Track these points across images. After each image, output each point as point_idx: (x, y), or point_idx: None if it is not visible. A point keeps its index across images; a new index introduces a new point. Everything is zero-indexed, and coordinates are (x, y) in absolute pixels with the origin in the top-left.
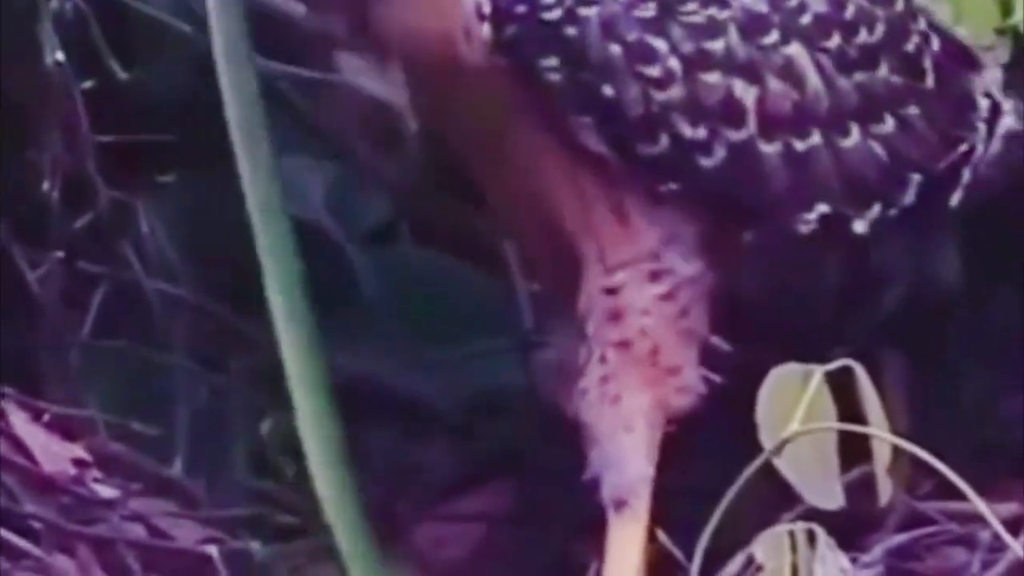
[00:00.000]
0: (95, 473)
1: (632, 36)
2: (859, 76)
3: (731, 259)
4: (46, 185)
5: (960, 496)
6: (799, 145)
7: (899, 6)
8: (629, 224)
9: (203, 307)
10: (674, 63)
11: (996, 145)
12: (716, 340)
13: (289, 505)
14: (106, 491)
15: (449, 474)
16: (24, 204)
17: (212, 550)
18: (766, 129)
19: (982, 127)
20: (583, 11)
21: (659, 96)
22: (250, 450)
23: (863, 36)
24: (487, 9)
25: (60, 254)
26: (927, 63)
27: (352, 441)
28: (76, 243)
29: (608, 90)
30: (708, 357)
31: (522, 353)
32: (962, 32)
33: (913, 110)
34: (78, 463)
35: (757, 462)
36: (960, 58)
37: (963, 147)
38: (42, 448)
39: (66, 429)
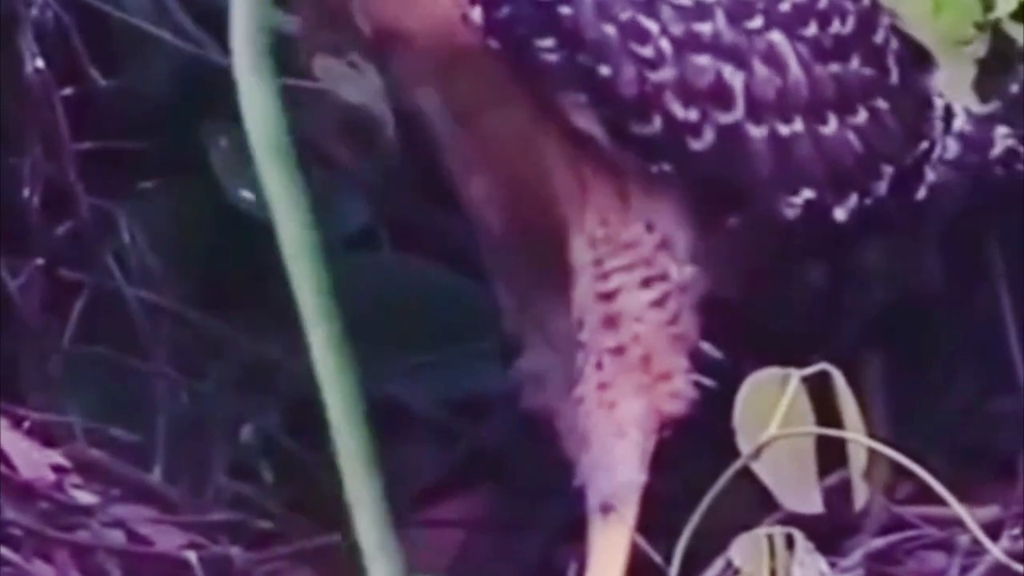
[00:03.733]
0: (74, 479)
1: (625, 16)
2: (834, 66)
3: (719, 251)
4: (26, 192)
5: (939, 500)
6: (783, 130)
7: (866, 1)
8: (628, 205)
9: (183, 314)
10: (665, 44)
11: (951, 145)
12: (706, 347)
13: (268, 510)
14: (85, 497)
15: (429, 479)
16: (4, 211)
17: (191, 556)
18: (753, 113)
19: (939, 125)
20: None
21: (653, 77)
22: (229, 456)
23: (836, 26)
24: None
25: (40, 261)
26: (891, 59)
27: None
28: (57, 250)
29: (604, 70)
30: (698, 362)
31: (501, 357)
32: (940, 26)
33: (882, 103)
34: (57, 469)
35: (735, 466)
36: (916, 57)
37: (925, 144)
38: (21, 455)
39: (46, 435)
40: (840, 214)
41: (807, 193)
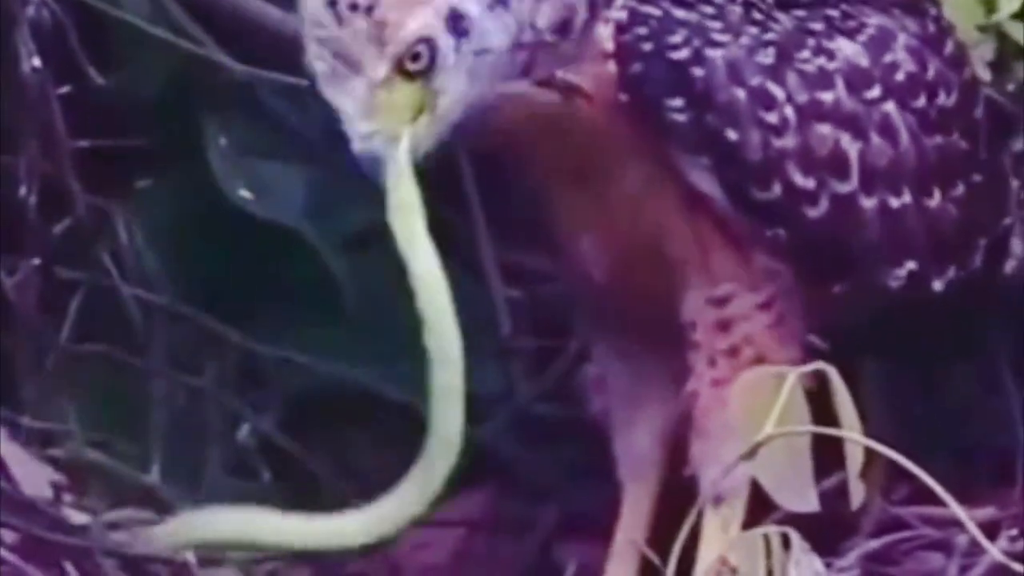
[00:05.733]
0: (70, 497)
1: (755, 81)
2: (937, 139)
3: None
4: (23, 191)
5: (937, 500)
6: (893, 202)
7: (968, 73)
8: (749, 262)
9: (180, 312)
10: (790, 111)
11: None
12: (813, 339)
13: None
14: (79, 516)
15: None
16: (0, 210)
17: (190, 555)
18: (866, 183)
19: (1014, 203)
20: (710, 53)
21: (777, 143)
22: (227, 455)
23: (942, 98)
24: (610, 46)
25: (37, 260)
26: (982, 133)
27: (331, 445)
28: (53, 249)
29: (731, 134)
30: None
31: (500, 358)
32: None
33: (976, 177)
34: (56, 486)
35: (731, 465)
36: (999, 121)
37: (1008, 219)
38: (22, 468)
39: (43, 435)
40: (938, 285)
41: (911, 265)
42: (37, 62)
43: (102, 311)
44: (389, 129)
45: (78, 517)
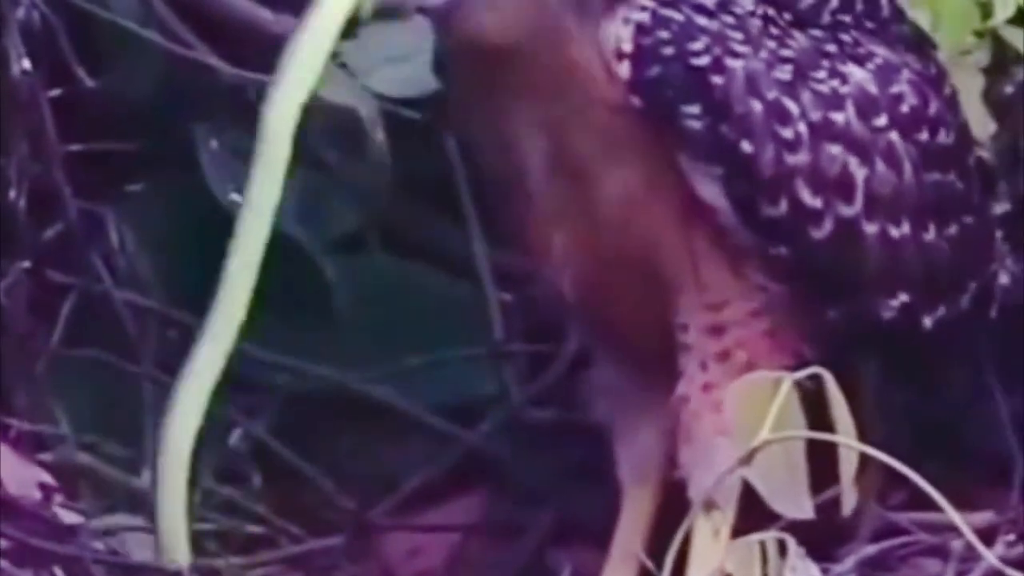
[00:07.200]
0: (60, 498)
1: (771, 95)
2: (936, 175)
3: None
4: (12, 194)
5: (933, 506)
6: (893, 231)
7: (962, 117)
8: (742, 278)
9: (172, 317)
10: (803, 128)
11: (1004, 278)
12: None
13: (258, 515)
14: (71, 516)
15: (421, 483)
16: None
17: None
18: (869, 209)
19: (998, 252)
20: (730, 62)
21: (789, 159)
22: (218, 461)
23: (942, 136)
24: (628, 47)
25: (27, 264)
26: (975, 178)
27: (324, 449)
28: (44, 253)
29: (746, 146)
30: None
31: (493, 362)
32: (942, 39)
33: (968, 219)
34: (44, 488)
35: (726, 471)
36: (986, 175)
37: (994, 265)
38: (9, 471)
39: (34, 439)
40: (928, 322)
41: (904, 296)
42: (27, 65)
43: (93, 315)
44: None
45: (69, 517)
